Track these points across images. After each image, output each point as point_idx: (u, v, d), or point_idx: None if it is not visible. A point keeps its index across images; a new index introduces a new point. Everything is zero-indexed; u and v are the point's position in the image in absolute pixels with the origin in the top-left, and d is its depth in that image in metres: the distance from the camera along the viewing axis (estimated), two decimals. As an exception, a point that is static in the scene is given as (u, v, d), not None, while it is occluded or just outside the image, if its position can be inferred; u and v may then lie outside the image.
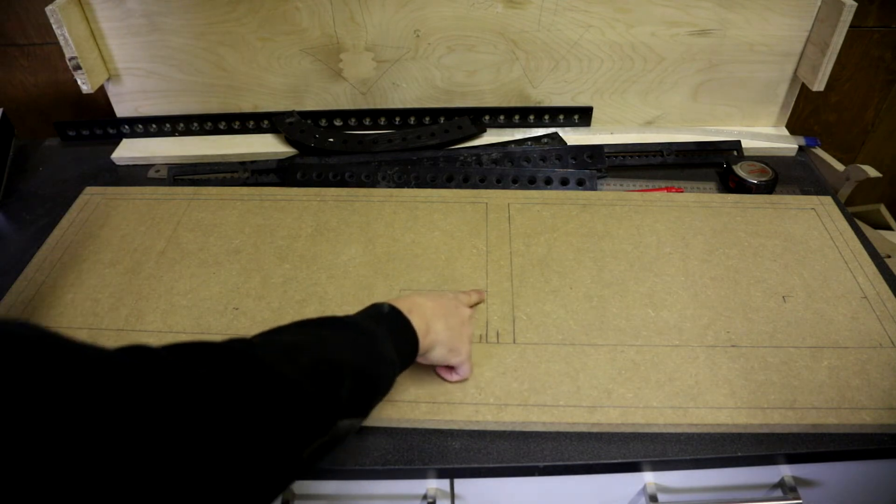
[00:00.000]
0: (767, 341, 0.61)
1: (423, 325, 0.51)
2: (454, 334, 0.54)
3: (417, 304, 0.52)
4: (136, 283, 0.68)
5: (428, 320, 0.52)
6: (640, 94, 0.90)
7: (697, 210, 0.76)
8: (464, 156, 0.85)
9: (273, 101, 0.92)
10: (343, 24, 0.84)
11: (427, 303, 0.53)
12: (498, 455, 0.54)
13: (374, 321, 0.49)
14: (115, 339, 0.62)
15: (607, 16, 0.82)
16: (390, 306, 0.50)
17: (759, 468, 0.58)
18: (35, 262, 0.71)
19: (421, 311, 0.52)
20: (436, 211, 0.76)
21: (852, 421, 0.54)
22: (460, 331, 0.55)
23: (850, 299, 0.65)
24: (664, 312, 0.64)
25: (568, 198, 0.78)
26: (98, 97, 0.90)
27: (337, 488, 0.60)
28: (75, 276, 0.69)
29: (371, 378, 0.45)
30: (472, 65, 0.88)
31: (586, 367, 0.58)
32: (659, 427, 0.55)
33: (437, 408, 0.55)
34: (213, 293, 0.66)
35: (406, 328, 0.50)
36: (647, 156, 0.87)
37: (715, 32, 0.83)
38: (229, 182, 0.84)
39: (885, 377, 0.57)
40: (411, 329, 0.50)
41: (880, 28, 0.94)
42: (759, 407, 0.55)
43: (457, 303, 0.57)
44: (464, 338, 0.55)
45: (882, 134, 1.08)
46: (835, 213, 0.76)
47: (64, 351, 0.28)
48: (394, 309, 0.50)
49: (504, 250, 0.71)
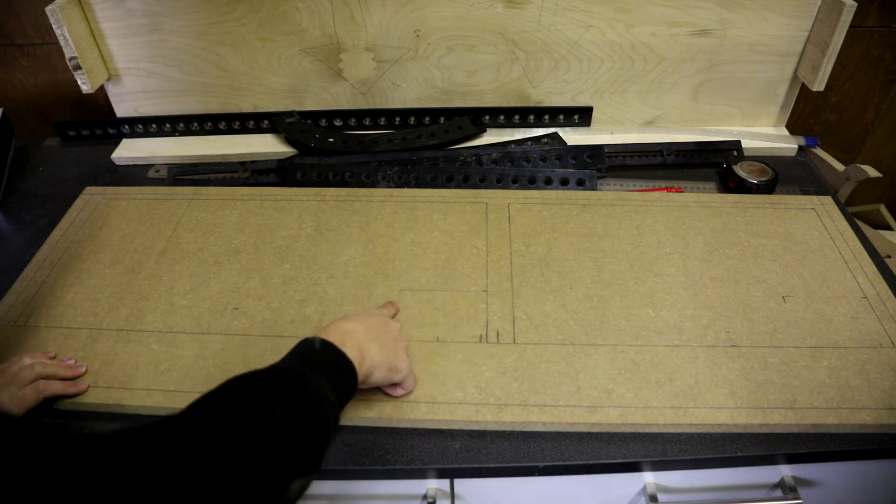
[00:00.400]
0: (767, 341, 0.61)
1: (358, 354, 0.49)
2: (389, 353, 0.52)
3: (348, 331, 0.50)
4: (136, 283, 0.68)
5: (361, 347, 0.50)
6: (640, 94, 0.90)
7: (697, 210, 0.76)
8: (464, 156, 0.85)
9: (273, 101, 0.92)
10: (343, 24, 0.84)
11: (357, 328, 0.51)
12: (498, 455, 0.54)
13: (307, 363, 0.46)
14: (115, 339, 0.62)
15: (607, 16, 0.82)
16: (322, 341, 0.48)
17: (759, 468, 0.58)
18: (35, 262, 0.71)
19: (353, 338, 0.50)
20: (436, 211, 0.76)
21: (852, 421, 0.54)
22: (394, 348, 0.53)
23: (850, 299, 0.65)
24: (664, 312, 0.64)
25: (568, 198, 0.78)
26: (98, 97, 0.90)
27: (337, 488, 0.60)
28: (75, 276, 0.69)
29: (313, 430, 0.41)
30: (472, 65, 0.87)
31: (586, 367, 0.58)
32: (659, 427, 0.55)
33: (437, 408, 0.55)
34: (213, 293, 0.66)
35: (341, 361, 0.48)
36: (647, 156, 0.87)
37: (715, 32, 0.83)
38: (229, 182, 0.84)
39: (885, 377, 0.57)
40: (347, 361, 0.48)
41: (880, 28, 0.94)
42: (759, 407, 0.55)
43: (385, 319, 0.56)
44: (399, 353, 0.54)
45: (882, 134, 1.07)
46: (835, 213, 0.76)
47: None
48: (325, 343, 0.48)
49: (504, 250, 0.71)
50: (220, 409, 0.38)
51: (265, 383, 0.42)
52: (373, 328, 0.53)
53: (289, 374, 0.44)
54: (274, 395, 0.40)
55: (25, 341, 0.62)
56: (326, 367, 0.47)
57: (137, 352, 0.61)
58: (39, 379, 0.56)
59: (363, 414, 0.55)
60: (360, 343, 0.50)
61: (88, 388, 0.57)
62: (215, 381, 0.57)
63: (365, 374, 0.50)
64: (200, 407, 0.38)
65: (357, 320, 0.53)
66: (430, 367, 0.59)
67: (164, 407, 0.56)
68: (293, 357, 0.47)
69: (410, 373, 0.55)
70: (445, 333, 0.62)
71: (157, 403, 0.56)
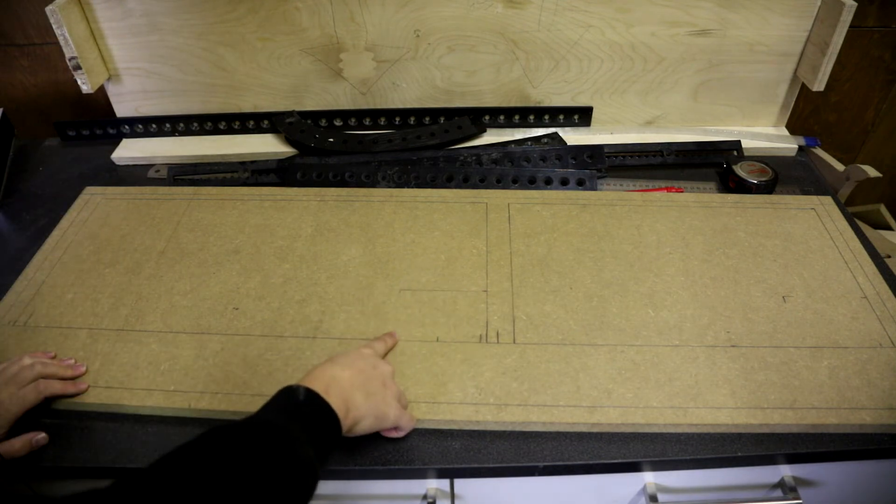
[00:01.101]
0: (767, 341, 0.61)
1: (343, 405, 0.47)
2: (377, 401, 0.50)
3: (334, 378, 0.48)
4: (136, 283, 0.68)
5: (347, 396, 0.48)
6: (640, 94, 0.90)
7: (697, 210, 0.76)
8: (464, 156, 0.85)
9: (273, 101, 0.92)
10: (343, 24, 0.84)
11: (343, 374, 0.49)
12: (498, 455, 0.54)
13: (288, 414, 0.44)
14: (115, 339, 0.62)
15: (607, 16, 0.82)
16: (306, 390, 0.46)
17: (759, 468, 0.58)
18: (35, 262, 0.71)
19: (338, 387, 0.48)
20: (436, 211, 0.76)
21: (852, 421, 0.54)
22: (384, 395, 0.51)
23: (850, 299, 0.65)
24: (664, 312, 0.64)
25: (568, 198, 0.78)
26: (98, 97, 0.90)
27: (337, 488, 0.60)
28: (75, 276, 0.69)
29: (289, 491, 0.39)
30: (472, 65, 0.87)
31: (586, 367, 0.58)
32: (659, 427, 0.55)
33: (437, 408, 0.55)
34: (213, 293, 0.66)
35: (325, 413, 0.46)
36: (647, 156, 0.87)
37: (715, 32, 0.83)
38: (229, 182, 0.84)
39: (885, 377, 0.57)
40: (331, 413, 0.46)
41: (880, 28, 0.94)
42: (759, 407, 0.55)
43: (374, 362, 0.53)
44: (388, 400, 0.51)
45: (882, 134, 1.07)
46: (835, 213, 0.76)
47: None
48: (310, 393, 0.46)
49: (504, 250, 0.71)
50: (194, 468, 0.37)
51: (244, 440, 0.40)
52: (360, 373, 0.51)
53: (269, 431, 0.42)
54: (252, 453, 0.39)
55: (25, 341, 0.62)
56: (308, 419, 0.45)
57: (137, 352, 0.61)
58: (39, 378, 0.56)
59: (363, 414, 0.55)
60: (345, 393, 0.48)
61: (89, 388, 0.57)
62: (215, 381, 0.58)
63: (350, 424, 0.48)
64: (173, 462, 0.37)
65: (343, 364, 0.51)
66: (430, 367, 0.59)
67: (165, 407, 0.56)
68: (275, 407, 0.45)
69: (403, 415, 0.53)
70: (445, 333, 0.62)
71: (157, 403, 0.56)
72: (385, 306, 0.65)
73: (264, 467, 0.38)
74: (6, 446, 0.52)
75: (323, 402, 0.46)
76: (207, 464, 0.37)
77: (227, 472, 0.37)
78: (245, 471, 0.37)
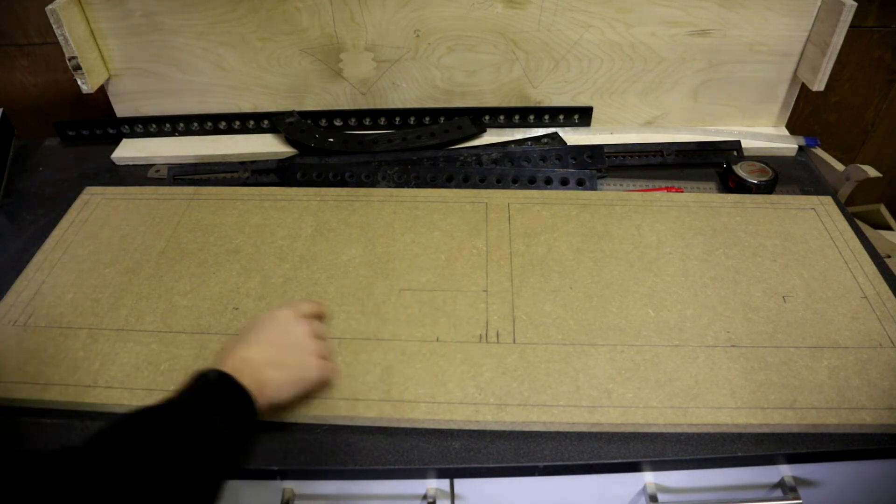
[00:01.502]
0: (767, 341, 0.61)
1: (256, 384, 0.49)
2: (293, 370, 0.52)
3: (245, 361, 0.50)
4: (136, 283, 0.68)
5: (259, 376, 0.49)
6: (640, 94, 0.90)
7: (697, 210, 0.76)
8: (464, 156, 0.85)
9: (273, 101, 0.92)
10: (343, 24, 0.84)
11: (252, 353, 0.51)
12: (498, 455, 0.54)
13: (201, 397, 0.47)
14: (115, 339, 0.62)
15: (607, 16, 0.82)
16: (218, 374, 0.48)
17: (759, 468, 0.58)
18: (35, 262, 0.71)
19: (249, 368, 0.49)
20: (436, 211, 0.76)
21: (852, 421, 0.54)
22: (300, 360, 0.53)
23: (850, 299, 0.65)
24: (664, 312, 0.64)
25: (568, 198, 0.78)
26: (98, 97, 0.90)
27: (337, 488, 0.60)
28: (75, 276, 0.69)
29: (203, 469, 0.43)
30: (472, 65, 0.87)
31: (586, 367, 0.58)
32: (659, 427, 0.55)
33: (437, 408, 0.55)
34: (213, 293, 0.66)
35: (238, 393, 0.48)
36: (647, 156, 0.87)
37: (715, 32, 0.83)
38: (229, 182, 0.84)
39: (885, 377, 0.57)
40: (243, 393, 0.48)
41: (880, 28, 0.94)
42: (759, 407, 0.55)
43: (286, 327, 0.54)
44: (307, 363, 0.53)
45: (882, 134, 1.08)
46: (835, 213, 0.76)
47: None
48: (222, 376, 0.48)
49: (504, 250, 0.71)
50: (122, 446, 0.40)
51: (165, 422, 0.43)
52: (271, 346, 0.52)
53: (186, 413, 0.45)
54: (172, 434, 0.42)
55: (25, 341, 0.62)
56: (222, 401, 0.47)
57: (137, 352, 0.61)
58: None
59: (363, 414, 0.55)
60: (256, 371, 0.49)
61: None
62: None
63: (268, 399, 0.50)
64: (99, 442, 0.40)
65: (253, 342, 0.52)
66: (430, 367, 0.59)
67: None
68: (190, 390, 0.47)
69: (326, 368, 0.54)
70: (445, 333, 0.62)
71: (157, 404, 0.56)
72: (385, 306, 0.65)
73: (182, 447, 0.42)
74: None
75: (235, 384, 0.48)
76: (135, 443, 0.41)
77: (152, 451, 0.40)
78: (166, 449, 0.41)
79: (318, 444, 0.54)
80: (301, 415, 0.55)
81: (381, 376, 0.58)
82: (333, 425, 0.56)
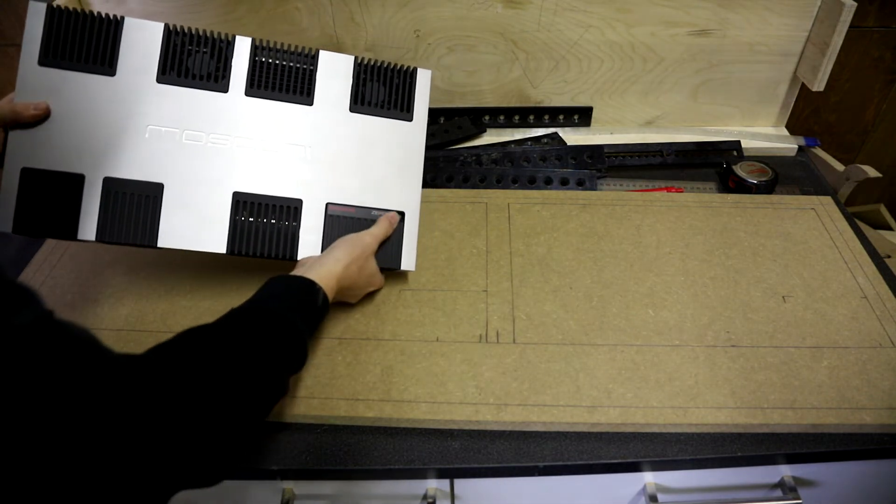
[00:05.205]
0: (767, 341, 0.61)
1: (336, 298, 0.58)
2: (359, 294, 0.63)
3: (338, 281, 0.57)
4: (136, 283, 0.68)
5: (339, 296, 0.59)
6: (640, 94, 0.90)
7: (697, 210, 0.76)
8: (464, 156, 0.85)
9: (273, 101, 0.91)
10: (343, 24, 0.84)
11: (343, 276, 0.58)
12: (498, 455, 0.54)
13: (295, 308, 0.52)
14: (115, 339, 0.62)
15: (607, 16, 0.82)
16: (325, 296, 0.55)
17: (759, 468, 0.58)
18: (35, 262, 0.71)
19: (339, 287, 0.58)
20: (436, 211, 0.76)
21: (852, 421, 0.54)
22: (365, 288, 0.64)
23: (850, 299, 0.65)
24: (664, 312, 0.64)
25: (568, 198, 0.78)
26: (98, 97, 0.90)
27: (337, 488, 0.60)
28: (75, 276, 0.69)
29: (289, 361, 0.50)
30: (472, 65, 0.87)
31: (586, 367, 0.58)
32: (659, 427, 0.55)
33: (437, 408, 0.55)
34: (213, 293, 0.66)
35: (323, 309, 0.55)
36: (647, 156, 0.87)
37: (715, 32, 0.83)
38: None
39: (885, 377, 0.57)
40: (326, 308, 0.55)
41: (880, 28, 0.94)
42: (759, 407, 0.55)
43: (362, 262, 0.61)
44: (367, 288, 0.64)
45: (882, 134, 1.07)
46: (835, 213, 0.76)
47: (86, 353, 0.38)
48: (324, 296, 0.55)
49: (504, 250, 0.71)
50: (216, 344, 0.45)
51: (261, 325, 0.49)
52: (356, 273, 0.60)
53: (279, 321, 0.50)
54: (267, 337, 0.48)
55: (25, 341, 0.62)
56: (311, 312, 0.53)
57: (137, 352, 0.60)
58: None
59: (363, 414, 0.55)
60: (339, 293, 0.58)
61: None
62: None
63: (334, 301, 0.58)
64: (198, 338, 0.45)
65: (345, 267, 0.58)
66: (431, 367, 0.59)
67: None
68: (290, 296, 0.53)
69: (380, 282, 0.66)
70: (445, 333, 0.62)
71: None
72: (385, 306, 0.65)
73: (276, 348, 0.48)
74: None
75: (326, 304, 0.55)
76: (230, 342, 0.46)
77: (245, 349, 0.46)
78: (258, 348, 0.47)
79: (318, 444, 0.54)
80: (301, 415, 0.55)
81: (381, 376, 0.58)
82: (333, 425, 0.56)
